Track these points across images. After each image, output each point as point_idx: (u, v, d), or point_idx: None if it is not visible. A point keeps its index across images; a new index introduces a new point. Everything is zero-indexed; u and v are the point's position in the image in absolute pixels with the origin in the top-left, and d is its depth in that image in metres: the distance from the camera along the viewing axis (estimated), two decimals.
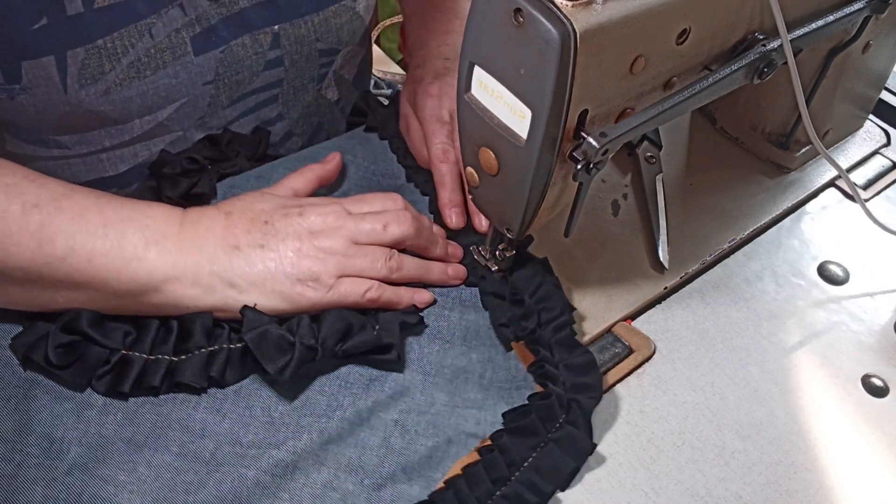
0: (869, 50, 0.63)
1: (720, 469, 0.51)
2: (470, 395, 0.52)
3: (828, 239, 0.66)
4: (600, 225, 0.63)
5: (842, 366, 0.57)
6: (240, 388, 0.50)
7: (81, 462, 0.46)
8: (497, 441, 0.49)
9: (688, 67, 0.48)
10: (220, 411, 0.49)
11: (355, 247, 0.52)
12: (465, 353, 0.54)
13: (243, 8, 0.60)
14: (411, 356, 0.53)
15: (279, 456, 0.47)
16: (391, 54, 1.31)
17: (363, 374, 0.51)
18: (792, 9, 0.51)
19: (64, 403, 0.48)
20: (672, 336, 0.58)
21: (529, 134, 0.43)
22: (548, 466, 0.48)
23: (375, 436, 0.49)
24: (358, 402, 0.50)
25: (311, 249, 0.51)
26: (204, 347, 0.49)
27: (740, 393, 0.55)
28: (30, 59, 0.53)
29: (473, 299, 0.57)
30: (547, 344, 0.52)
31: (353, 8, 0.67)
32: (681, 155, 0.71)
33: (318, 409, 0.50)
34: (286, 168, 0.63)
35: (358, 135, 0.68)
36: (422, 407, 0.51)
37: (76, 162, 0.61)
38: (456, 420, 0.50)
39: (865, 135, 0.74)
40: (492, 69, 0.43)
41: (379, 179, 0.64)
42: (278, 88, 0.67)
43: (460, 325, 0.55)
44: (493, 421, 0.51)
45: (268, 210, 0.52)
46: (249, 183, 0.62)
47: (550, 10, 0.38)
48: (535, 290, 0.54)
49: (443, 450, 0.49)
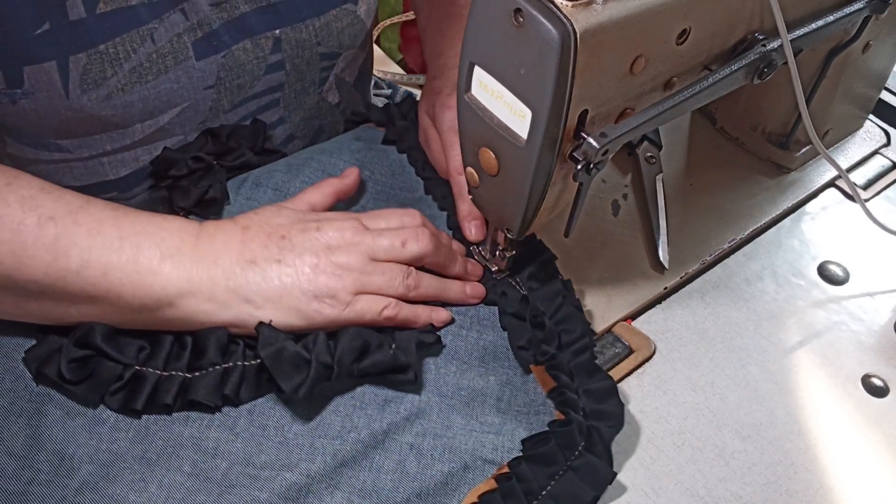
0: (869, 50, 0.63)
1: (720, 469, 0.51)
2: (487, 419, 0.50)
3: (828, 239, 0.66)
4: (600, 225, 0.63)
5: (842, 366, 0.57)
6: (253, 407, 0.49)
7: (92, 481, 0.45)
8: (515, 469, 0.47)
9: (688, 67, 0.48)
10: (233, 430, 0.48)
11: (373, 264, 0.51)
12: (482, 374, 0.52)
13: (244, 12, 0.60)
14: (428, 376, 0.52)
15: (292, 479, 0.46)
16: (391, 54, 1.31)
17: (378, 395, 0.50)
18: (792, 9, 0.51)
19: (76, 419, 0.47)
20: (672, 336, 0.58)
21: (529, 134, 0.43)
22: (566, 496, 0.46)
23: (390, 459, 0.48)
24: (373, 423, 0.49)
25: (328, 265, 0.50)
26: (218, 364, 0.48)
27: (740, 393, 0.55)
28: (32, 63, 0.53)
29: (492, 318, 0.55)
30: (566, 368, 0.51)
31: (355, 12, 0.67)
32: (681, 155, 0.71)
33: (332, 431, 0.49)
34: (290, 165, 0.63)
35: (376, 147, 0.66)
36: (438, 430, 0.50)
37: (77, 165, 0.61)
38: (473, 445, 0.49)
39: (865, 135, 0.74)
40: (492, 69, 0.43)
41: (397, 192, 0.63)
42: (280, 92, 0.67)
43: (478, 345, 0.54)
44: (510, 447, 0.49)
45: (285, 225, 0.52)
46: (263, 190, 0.61)
47: (550, 10, 0.38)
48: (555, 311, 0.53)
49: (459, 476, 0.48)
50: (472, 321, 0.55)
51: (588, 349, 0.52)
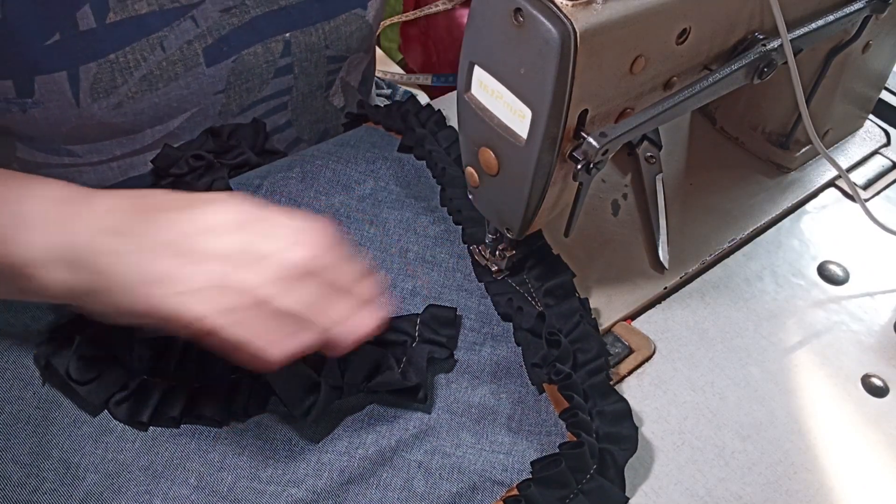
0: (869, 50, 0.63)
1: (720, 469, 0.51)
2: (498, 438, 0.50)
3: (828, 239, 0.66)
4: (600, 225, 0.63)
5: (842, 366, 0.57)
6: (261, 420, 0.49)
7: (97, 491, 0.45)
8: (524, 491, 0.46)
9: (688, 67, 0.48)
10: (240, 444, 0.48)
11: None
12: (494, 392, 0.52)
13: (255, 16, 0.60)
14: (438, 392, 0.51)
15: (298, 495, 0.46)
16: (391, 54, 1.31)
17: (387, 411, 0.50)
18: (792, 9, 0.51)
19: (83, 427, 0.47)
20: (672, 336, 0.57)
21: (529, 134, 0.43)
22: None
23: (398, 477, 0.47)
24: (381, 440, 0.48)
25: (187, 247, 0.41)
26: (226, 377, 0.48)
27: (740, 393, 0.55)
28: (42, 73, 0.53)
29: (506, 334, 0.55)
30: (580, 388, 0.50)
31: (364, 17, 0.67)
32: (681, 155, 0.71)
33: (340, 447, 0.48)
34: (305, 174, 0.61)
35: (392, 156, 0.64)
36: (447, 448, 0.49)
37: (87, 170, 0.62)
38: (483, 465, 0.48)
39: (865, 135, 0.74)
40: (492, 69, 0.43)
41: (411, 203, 0.62)
42: (288, 96, 0.67)
43: (491, 360, 0.53)
44: (520, 468, 0.49)
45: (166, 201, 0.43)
46: (277, 198, 0.60)
47: (550, 10, 0.38)
48: (571, 329, 0.52)
49: (467, 497, 0.47)
50: (486, 337, 0.54)
51: (603, 370, 0.51)
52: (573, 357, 0.51)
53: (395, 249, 0.58)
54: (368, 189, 0.62)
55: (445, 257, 0.58)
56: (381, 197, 0.62)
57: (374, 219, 0.60)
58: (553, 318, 0.53)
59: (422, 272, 0.57)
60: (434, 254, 0.58)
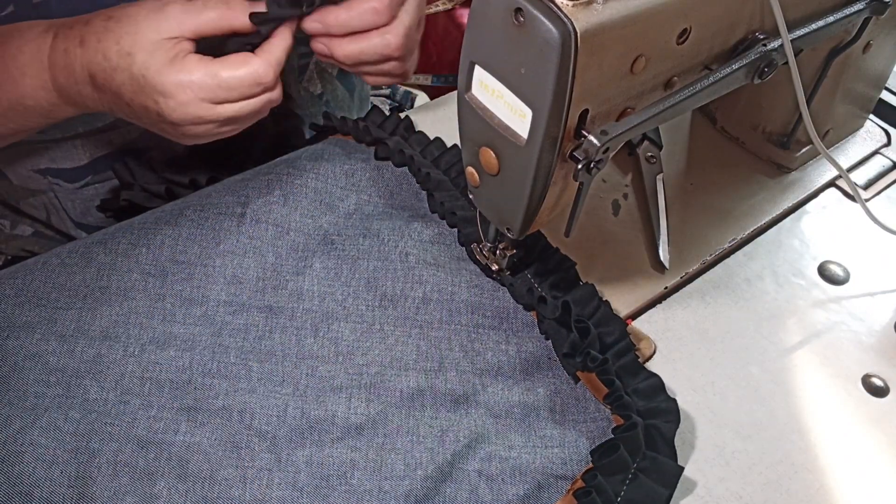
0: (869, 50, 0.63)
1: (720, 469, 0.51)
2: (546, 432, 0.50)
3: (828, 239, 0.66)
4: (600, 225, 0.63)
5: (842, 366, 0.57)
6: (311, 459, 0.48)
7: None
8: (591, 483, 0.46)
9: (688, 67, 0.48)
10: (295, 486, 0.47)
11: None
12: (530, 388, 0.52)
13: None
14: (476, 398, 0.51)
15: None
16: None
17: (433, 426, 0.50)
18: (792, 9, 0.51)
19: (122, 477, 0.46)
20: (672, 336, 0.57)
21: (530, 133, 0.43)
22: (641, 498, 0.46)
23: (462, 490, 0.47)
24: (436, 456, 0.48)
25: None
26: None
27: (740, 393, 0.55)
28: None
29: (526, 328, 0.55)
30: (612, 371, 0.50)
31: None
32: (681, 155, 0.71)
33: (397, 471, 0.48)
34: (287, 196, 0.60)
35: (370, 166, 0.63)
36: (501, 452, 0.49)
37: (52, 146, 0.62)
38: (541, 462, 0.48)
39: (866, 135, 0.74)
40: (492, 68, 0.43)
41: (399, 213, 0.61)
42: None
43: (519, 357, 0.53)
44: (577, 459, 0.49)
45: None
46: (263, 226, 0.59)
47: (551, 10, 0.38)
48: (591, 313, 0.53)
49: (535, 496, 0.47)
50: (509, 334, 0.54)
51: (630, 350, 0.52)
52: (598, 340, 0.52)
53: (395, 256, 0.58)
54: (352, 204, 0.61)
55: (447, 258, 0.58)
56: (367, 210, 0.61)
57: (366, 231, 0.59)
58: (573, 305, 0.53)
59: (428, 275, 0.57)
60: (435, 255, 0.58)
